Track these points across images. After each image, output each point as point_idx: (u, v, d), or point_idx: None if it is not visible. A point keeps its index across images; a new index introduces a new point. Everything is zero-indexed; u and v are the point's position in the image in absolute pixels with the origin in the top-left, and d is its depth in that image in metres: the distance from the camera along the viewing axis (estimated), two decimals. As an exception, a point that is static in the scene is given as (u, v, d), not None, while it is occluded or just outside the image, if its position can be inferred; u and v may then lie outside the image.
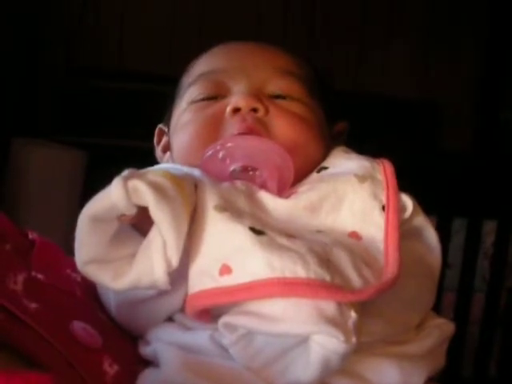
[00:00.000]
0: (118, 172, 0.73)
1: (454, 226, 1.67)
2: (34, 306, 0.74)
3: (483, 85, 2.47)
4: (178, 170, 0.79)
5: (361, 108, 0.96)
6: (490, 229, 1.81)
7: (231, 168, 0.83)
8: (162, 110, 1.03)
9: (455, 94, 2.49)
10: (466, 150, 2.41)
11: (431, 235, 0.85)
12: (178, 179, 0.74)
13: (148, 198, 0.69)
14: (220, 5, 2.45)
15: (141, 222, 0.72)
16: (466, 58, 2.51)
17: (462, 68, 2.51)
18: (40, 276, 0.81)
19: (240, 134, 0.87)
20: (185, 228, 0.72)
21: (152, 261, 0.70)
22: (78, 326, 0.77)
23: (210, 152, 0.83)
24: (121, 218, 0.71)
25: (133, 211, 0.70)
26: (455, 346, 0.85)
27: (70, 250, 0.93)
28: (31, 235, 0.90)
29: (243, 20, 2.39)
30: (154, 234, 0.71)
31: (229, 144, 0.83)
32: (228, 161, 0.83)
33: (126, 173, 0.72)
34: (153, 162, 0.84)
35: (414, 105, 2.47)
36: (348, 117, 1.02)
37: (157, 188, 0.70)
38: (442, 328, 0.84)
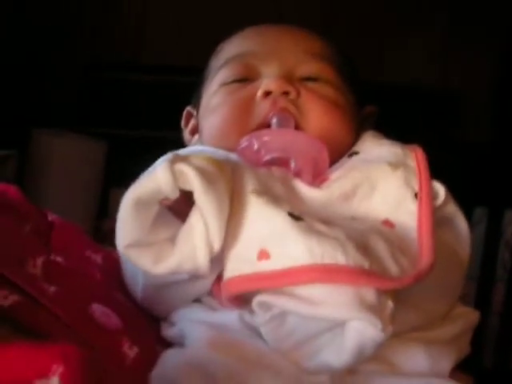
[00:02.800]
0: (137, 162, 0.73)
1: (474, 215, 1.66)
2: (52, 289, 0.74)
3: (503, 75, 2.45)
4: (215, 154, 0.78)
5: (381, 97, 0.96)
6: (511, 218, 1.80)
7: (266, 158, 0.83)
8: (180, 100, 1.03)
9: (476, 84, 2.48)
10: (486, 141, 2.40)
11: (462, 224, 0.84)
12: (219, 163, 0.74)
13: (194, 183, 0.69)
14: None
15: (180, 206, 0.72)
16: (487, 47, 2.49)
17: (483, 58, 2.49)
18: (59, 259, 0.81)
19: (276, 116, 0.86)
20: (226, 213, 0.71)
21: (194, 246, 0.70)
22: (98, 309, 0.76)
23: (244, 144, 0.83)
24: (163, 201, 0.71)
25: (176, 195, 0.70)
26: (476, 336, 0.85)
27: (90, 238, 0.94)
28: (50, 217, 0.90)
29: (263, 10, 2.39)
30: (195, 218, 0.70)
31: (265, 138, 0.83)
32: (263, 152, 0.82)
33: (170, 156, 0.72)
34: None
35: (434, 94, 2.46)
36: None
37: (202, 173, 0.70)
38: (467, 316, 0.84)
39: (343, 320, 0.68)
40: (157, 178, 0.69)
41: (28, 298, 0.71)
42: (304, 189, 0.81)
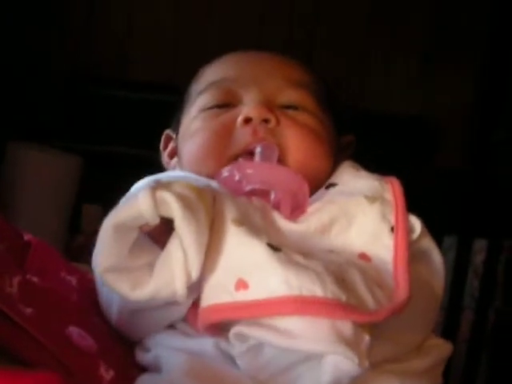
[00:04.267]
0: (112, 178, 0.73)
1: (444, 243, 1.67)
2: (29, 310, 0.74)
3: (477, 104, 2.48)
4: (197, 181, 0.79)
5: (355, 124, 0.97)
6: (480, 247, 1.82)
7: (247, 189, 0.83)
8: (159, 118, 1.03)
9: (451, 112, 2.51)
10: (457, 168, 2.42)
11: (437, 258, 0.85)
12: (200, 191, 0.74)
13: (175, 211, 0.69)
14: (224, 15, 2.46)
15: (159, 232, 0.72)
16: (462, 76, 2.53)
17: (458, 86, 2.52)
18: (35, 279, 0.81)
19: (260, 145, 0.86)
20: (205, 242, 0.72)
21: (172, 274, 0.70)
22: (74, 331, 0.76)
23: (225, 174, 0.83)
24: (142, 227, 0.71)
25: (156, 221, 0.70)
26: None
27: (62, 255, 0.94)
28: (26, 236, 0.89)
29: (247, 31, 2.40)
30: (174, 245, 0.71)
31: (247, 170, 0.83)
32: (244, 182, 0.83)
33: (152, 183, 0.72)
34: (148, 170, 0.85)
35: (409, 122, 2.48)
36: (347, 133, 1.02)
37: (183, 201, 0.70)
38: (440, 348, 0.85)
39: (320, 353, 0.68)
40: (138, 204, 0.69)
41: (4, 319, 0.70)
42: (282, 221, 0.81)
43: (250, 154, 0.87)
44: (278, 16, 2.47)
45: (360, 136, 1.02)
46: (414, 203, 0.84)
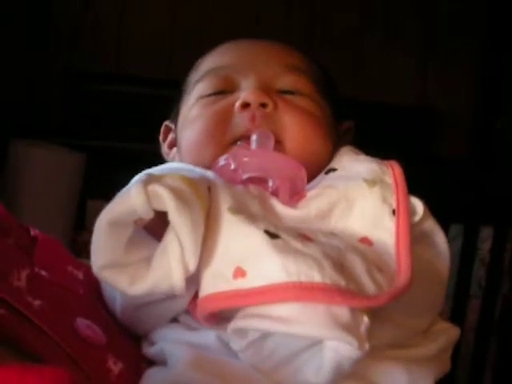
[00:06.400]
0: (116, 174, 0.73)
1: (450, 232, 1.67)
2: (37, 302, 0.74)
3: (480, 92, 2.48)
4: (191, 172, 0.79)
5: (358, 115, 0.97)
6: (486, 235, 1.81)
7: (243, 177, 0.83)
8: (159, 112, 1.03)
9: (453, 101, 2.50)
10: (462, 157, 2.41)
11: (440, 239, 0.84)
12: (194, 183, 0.74)
13: (168, 204, 0.69)
14: (220, 8, 2.45)
15: (155, 226, 0.72)
16: (464, 64, 2.52)
17: (460, 74, 2.51)
18: (43, 273, 0.81)
19: (256, 133, 0.86)
20: (201, 233, 0.72)
21: (170, 266, 0.70)
22: (82, 324, 0.76)
23: (221, 163, 0.83)
24: (137, 221, 0.71)
25: (151, 215, 0.70)
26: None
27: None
28: (33, 231, 0.90)
29: (243, 23, 2.39)
30: (170, 238, 0.71)
31: (243, 159, 0.83)
32: (240, 171, 0.83)
33: (144, 177, 0.72)
34: (151, 163, 0.84)
35: (411, 111, 2.48)
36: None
37: (176, 193, 0.70)
38: (448, 332, 0.84)
39: (318, 338, 0.68)
40: (131, 200, 0.69)
41: (13, 312, 0.70)
42: (281, 208, 0.81)
43: (248, 138, 0.87)
44: (275, 15, 2.46)
45: (363, 126, 1.02)
46: (419, 192, 0.84)
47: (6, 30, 2.15)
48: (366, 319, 0.69)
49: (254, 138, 0.86)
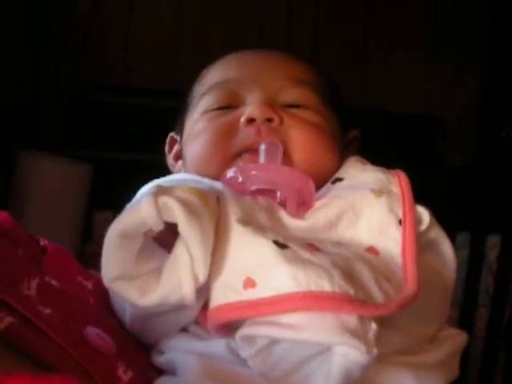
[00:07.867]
0: (122, 185, 0.73)
1: (457, 240, 1.67)
2: (47, 311, 0.74)
3: (485, 100, 2.48)
4: (200, 183, 0.79)
5: (364, 124, 0.97)
6: (493, 243, 1.81)
7: (252, 189, 0.83)
8: (165, 124, 1.03)
9: (458, 110, 2.50)
10: (468, 165, 2.41)
11: (447, 247, 0.84)
12: (203, 194, 0.74)
13: (178, 216, 0.69)
14: (224, 20, 2.47)
15: (165, 237, 0.72)
16: (469, 73, 2.52)
17: (465, 83, 2.51)
18: (53, 282, 0.81)
19: (265, 143, 0.86)
20: (211, 244, 0.72)
21: (180, 278, 0.70)
22: (92, 332, 0.77)
23: (229, 175, 0.83)
24: (147, 233, 0.71)
25: (161, 227, 0.70)
26: (459, 361, 0.85)
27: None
28: (42, 242, 0.90)
29: (246, 35, 2.41)
30: (180, 250, 0.71)
31: (251, 172, 0.83)
32: (248, 184, 0.83)
33: (154, 189, 0.72)
34: (157, 174, 0.85)
35: (416, 120, 2.48)
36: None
37: (186, 205, 0.70)
38: (455, 339, 0.84)
39: (327, 344, 0.68)
40: (141, 212, 0.69)
41: (23, 320, 0.71)
42: (289, 218, 0.81)
43: (254, 151, 0.87)
44: (278, 18, 2.47)
45: (369, 136, 1.02)
46: (426, 201, 0.84)
47: (13, 43, 2.16)
48: (374, 326, 0.69)
49: (262, 147, 0.86)
